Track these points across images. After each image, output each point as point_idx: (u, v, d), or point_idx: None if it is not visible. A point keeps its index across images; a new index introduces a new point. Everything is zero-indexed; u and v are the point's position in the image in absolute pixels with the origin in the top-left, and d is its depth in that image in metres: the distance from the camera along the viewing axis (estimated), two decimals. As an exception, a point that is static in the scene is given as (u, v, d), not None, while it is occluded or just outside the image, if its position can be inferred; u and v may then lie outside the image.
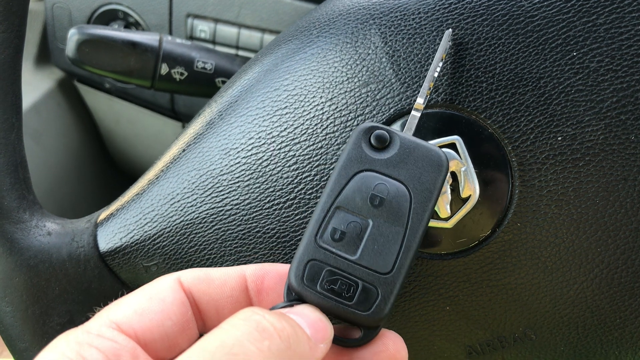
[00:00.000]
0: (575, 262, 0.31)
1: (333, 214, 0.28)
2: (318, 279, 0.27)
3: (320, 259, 0.27)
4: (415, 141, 0.29)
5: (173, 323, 0.26)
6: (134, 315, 0.25)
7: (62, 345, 0.23)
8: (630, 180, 0.30)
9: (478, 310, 0.33)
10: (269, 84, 0.35)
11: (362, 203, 0.28)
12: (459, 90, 0.32)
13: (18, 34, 0.35)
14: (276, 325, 0.23)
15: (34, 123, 0.70)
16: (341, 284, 0.27)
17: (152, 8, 0.64)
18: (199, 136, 0.36)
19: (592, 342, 0.33)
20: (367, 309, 0.27)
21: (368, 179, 0.28)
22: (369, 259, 0.27)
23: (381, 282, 0.27)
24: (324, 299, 0.27)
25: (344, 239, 0.27)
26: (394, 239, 0.27)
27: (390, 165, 0.28)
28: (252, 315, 0.23)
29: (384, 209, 0.28)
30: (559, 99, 0.31)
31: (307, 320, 0.25)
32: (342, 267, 0.27)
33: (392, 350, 0.27)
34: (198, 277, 0.28)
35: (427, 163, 0.28)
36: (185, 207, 0.35)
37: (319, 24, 0.35)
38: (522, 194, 0.31)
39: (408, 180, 0.28)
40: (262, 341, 0.22)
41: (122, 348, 0.24)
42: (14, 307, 0.35)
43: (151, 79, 0.49)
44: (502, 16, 0.31)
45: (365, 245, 0.27)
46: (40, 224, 0.36)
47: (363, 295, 0.27)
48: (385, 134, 0.29)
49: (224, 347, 0.21)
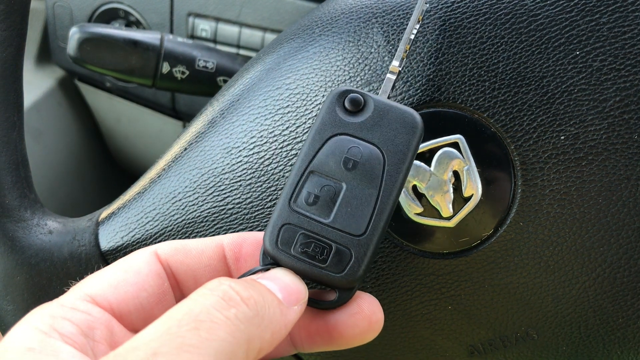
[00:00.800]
0: (577, 261, 0.31)
1: (307, 178, 0.28)
2: (292, 242, 0.27)
3: (294, 222, 0.28)
4: (390, 104, 0.29)
5: (148, 295, 0.26)
6: (108, 287, 0.25)
7: (36, 319, 0.23)
8: (633, 179, 0.30)
9: (480, 310, 0.33)
10: (271, 83, 0.35)
11: (336, 166, 0.28)
12: (462, 89, 0.32)
13: (20, 32, 0.35)
14: (242, 293, 0.23)
15: (34, 122, 0.70)
16: (315, 246, 0.27)
17: (153, 7, 0.64)
18: (201, 135, 0.36)
19: (594, 341, 0.33)
20: (340, 270, 0.27)
21: (342, 143, 0.28)
22: (342, 221, 0.27)
23: (354, 244, 0.27)
24: (298, 262, 0.27)
25: (318, 203, 0.28)
26: (367, 201, 0.27)
27: (364, 128, 0.28)
28: (219, 286, 0.23)
29: (358, 171, 0.28)
30: (562, 98, 0.31)
31: (280, 283, 0.26)
32: (316, 230, 0.27)
33: (367, 311, 0.28)
34: (175, 248, 0.28)
35: (400, 125, 0.28)
36: (187, 206, 0.35)
37: (321, 22, 0.35)
38: (525, 193, 0.31)
39: (381, 143, 0.28)
40: (228, 309, 0.22)
41: (96, 320, 0.24)
42: (15, 305, 0.35)
43: (152, 78, 0.49)
44: (505, 15, 0.31)
45: (338, 208, 0.28)
46: (42, 223, 0.36)
47: (336, 257, 0.27)
48: (359, 97, 0.29)
49: (190, 315, 0.22)
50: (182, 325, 0.21)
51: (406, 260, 0.33)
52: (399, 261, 0.33)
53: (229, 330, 0.22)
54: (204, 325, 0.21)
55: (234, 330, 0.22)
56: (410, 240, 0.32)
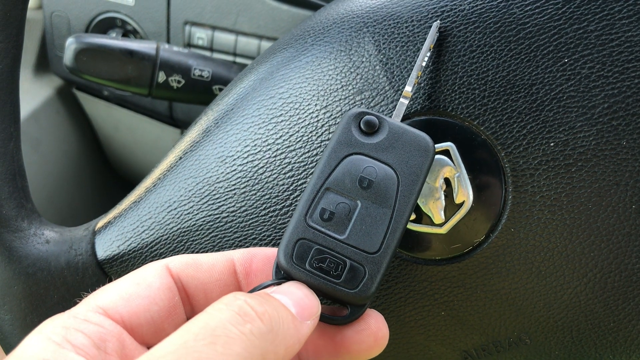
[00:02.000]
0: (568, 266, 0.32)
1: (323, 195, 0.29)
2: (307, 257, 0.28)
3: (309, 238, 0.28)
4: (403, 127, 0.29)
5: (159, 308, 0.26)
6: (120, 300, 0.26)
7: (49, 329, 0.23)
8: (622, 185, 0.31)
9: (473, 315, 0.33)
10: (264, 92, 0.35)
11: (351, 185, 0.29)
12: (452, 97, 0.32)
13: (16, 44, 0.35)
14: (257, 309, 0.23)
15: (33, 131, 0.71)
16: (329, 262, 0.28)
17: (150, 16, 0.65)
18: (196, 144, 0.36)
19: (586, 346, 0.33)
20: (354, 287, 0.27)
21: (357, 162, 0.29)
22: (356, 238, 0.28)
23: (368, 261, 0.28)
24: (312, 276, 0.27)
25: (333, 219, 0.28)
26: (382, 220, 0.28)
27: (379, 149, 0.29)
28: (234, 300, 0.23)
29: (372, 191, 0.28)
30: (551, 105, 0.31)
31: (293, 298, 0.26)
32: (331, 246, 0.28)
33: (374, 328, 0.28)
34: (186, 262, 0.28)
35: (414, 147, 0.29)
36: (182, 215, 0.35)
37: (314, 32, 0.35)
38: (516, 199, 0.32)
39: (396, 164, 0.29)
40: (244, 324, 0.22)
41: (108, 332, 0.24)
42: (12, 315, 0.35)
43: (148, 87, 0.50)
44: (494, 24, 0.31)
45: (353, 226, 0.28)
46: (39, 232, 0.36)
47: (350, 274, 0.27)
48: (375, 119, 0.29)
49: (206, 330, 0.22)
50: (198, 340, 0.21)
51: (399, 267, 0.33)
52: (392, 268, 0.33)
53: (244, 345, 0.22)
54: (220, 340, 0.21)
55: (249, 346, 0.22)
56: (403, 247, 0.33)
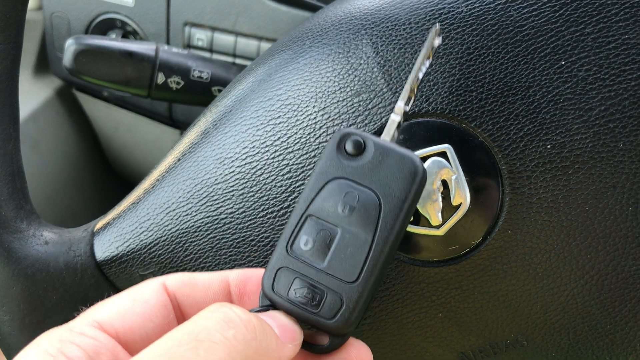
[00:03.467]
0: (565, 268, 0.32)
1: (304, 222, 0.28)
2: (287, 286, 0.27)
3: (291, 266, 0.28)
4: (391, 147, 0.28)
5: (154, 325, 0.27)
6: (116, 315, 0.26)
7: (44, 342, 0.24)
8: (619, 187, 0.31)
9: (470, 317, 0.33)
10: (262, 94, 0.35)
11: (332, 211, 0.28)
12: (449, 99, 0.32)
13: (15, 45, 0.35)
14: (242, 316, 0.24)
15: (32, 132, 0.71)
16: (308, 291, 0.27)
17: (149, 17, 0.65)
18: (194, 145, 0.36)
19: (583, 347, 0.33)
20: (331, 317, 0.27)
21: (340, 187, 0.28)
22: (335, 267, 0.27)
23: (346, 291, 0.27)
24: (292, 306, 0.27)
25: (313, 247, 0.28)
26: (361, 248, 0.27)
27: (362, 172, 0.28)
28: (220, 308, 0.24)
29: (353, 217, 0.27)
30: (548, 108, 0.31)
31: (277, 321, 0.26)
32: (310, 275, 0.27)
33: (354, 357, 0.28)
34: (182, 281, 0.29)
35: (398, 170, 0.27)
36: (181, 216, 0.35)
37: (312, 34, 0.35)
38: (513, 201, 0.32)
39: (379, 188, 0.27)
40: (227, 330, 0.23)
41: (102, 346, 0.25)
42: (11, 316, 0.36)
43: (148, 88, 0.50)
44: (492, 26, 0.32)
45: (333, 254, 0.27)
46: (38, 233, 0.36)
47: (328, 304, 0.27)
48: (360, 140, 0.28)
49: (190, 335, 0.22)
50: (182, 345, 0.22)
51: (397, 268, 0.33)
52: (389, 270, 0.33)
53: (227, 350, 0.22)
54: (203, 345, 0.22)
55: (232, 351, 0.22)
56: (401, 248, 0.33)
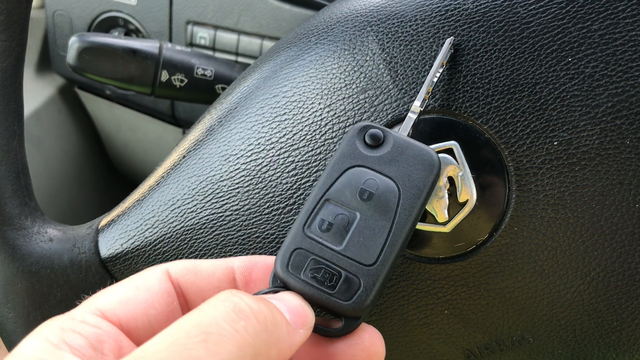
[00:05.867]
0: (572, 265, 0.32)
1: (322, 205, 0.28)
2: (303, 267, 0.27)
3: (306, 247, 0.28)
4: (409, 141, 0.29)
5: (157, 312, 0.26)
6: (118, 303, 0.26)
7: (46, 330, 0.24)
8: (625, 184, 0.31)
9: (476, 314, 0.33)
10: (268, 91, 0.35)
11: (352, 196, 0.28)
12: (456, 96, 0.32)
13: (19, 42, 0.35)
14: (253, 307, 0.23)
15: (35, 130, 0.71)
16: (324, 272, 0.27)
17: (152, 15, 0.65)
18: (199, 142, 0.36)
19: (589, 345, 0.33)
20: (348, 298, 0.27)
21: (359, 174, 0.29)
22: (353, 250, 0.28)
23: (364, 273, 0.27)
24: (307, 286, 0.27)
25: (331, 230, 0.28)
26: (380, 233, 0.28)
27: (382, 162, 0.29)
28: (230, 297, 0.23)
29: (372, 203, 0.28)
30: (554, 104, 0.31)
31: (288, 305, 0.26)
32: (327, 257, 0.28)
33: (367, 343, 0.28)
34: (186, 268, 0.28)
35: (418, 162, 0.29)
36: (186, 213, 0.35)
37: (317, 31, 0.35)
38: (519, 198, 0.32)
39: (398, 177, 0.28)
40: (238, 321, 0.22)
41: (105, 334, 0.24)
42: (16, 313, 0.35)
43: (151, 86, 0.50)
44: (498, 23, 0.31)
45: (351, 237, 0.28)
46: (42, 231, 0.36)
47: (345, 285, 0.27)
48: (380, 132, 0.29)
49: (199, 326, 0.22)
50: (190, 337, 0.21)
51: (402, 265, 0.33)
52: (395, 266, 0.33)
53: (237, 344, 0.22)
54: (213, 338, 0.21)
55: (242, 344, 0.22)
56: (407, 245, 0.33)
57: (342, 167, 0.29)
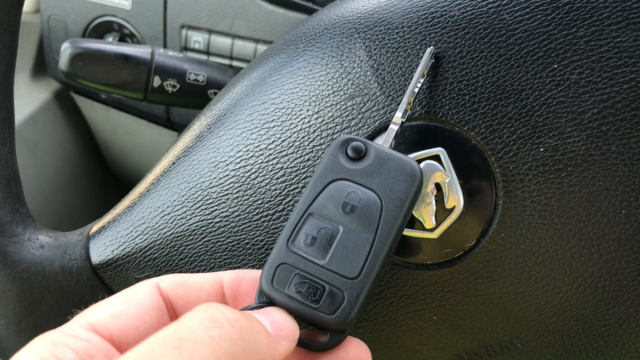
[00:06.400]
0: (559, 271, 0.32)
1: (306, 220, 0.28)
2: (287, 282, 0.28)
3: (291, 262, 0.28)
4: (390, 152, 0.29)
5: (148, 326, 0.27)
6: (109, 317, 0.26)
7: (38, 345, 0.24)
8: (612, 190, 0.31)
9: (464, 320, 0.33)
10: (256, 98, 0.35)
11: (334, 210, 0.28)
12: (443, 103, 0.32)
13: (10, 50, 0.35)
14: (229, 316, 0.23)
15: (30, 134, 0.71)
16: (309, 287, 0.27)
17: (146, 20, 0.65)
18: (189, 149, 0.36)
19: (577, 350, 0.33)
20: (332, 312, 0.27)
21: (341, 187, 0.29)
22: (337, 263, 0.28)
23: (348, 287, 0.27)
24: (292, 301, 0.27)
25: (315, 244, 0.28)
26: (363, 245, 0.28)
27: (364, 174, 0.29)
28: (207, 308, 0.24)
29: (355, 216, 0.28)
30: (540, 111, 0.31)
31: (270, 318, 0.26)
32: (311, 271, 0.28)
33: (353, 356, 0.28)
34: (176, 282, 0.29)
35: (399, 173, 0.29)
36: (175, 220, 0.35)
37: (306, 37, 0.35)
38: (506, 204, 0.32)
39: (380, 189, 0.29)
40: (212, 329, 0.22)
41: (95, 348, 0.25)
42: (7, 319, 0.36)
43: (144, 92, 0.50)
44: (484, 30, 0.32)
45: (334, 251, 0.28)
46: (33, 237, 0.36)
47: (329, 299, 0.27)
48: (361, 145, 0.29)
49: (174, 335, 0.22)
50: (164, 344, 0.21)
51: (391, 271, 0.33)
52: (380, 278, 0.33)
53: (211, 349, 0.22)
54: (187, 344, 0.22)
55: (217, 350, 0.22)
56: (395, 252, 0.33)
57: (325, 181, 0.29)
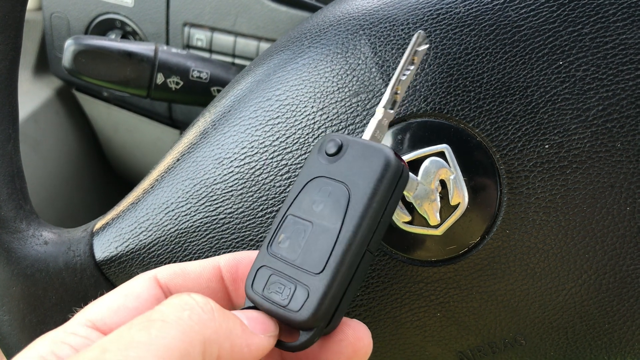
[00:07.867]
0: (563, 268, 0.32)
1: (284, 221, 0.28)
2: (264, 284, 0.27)
3: (267, 264, 0.28)
4: (364, 143, 0.28)
5: None
6: (108, 312, 0.26)
7: (39, 344, 0.24)
8: (616, 187, 0.31)
9: (468, 316, 0.33)
10: (261, 94, 0.35)
11: (308, 207, 0.28)
12: (448, 100, 0.32)
13: (14, 46, 0.35)
14: (199, 300, 0.24)
15: (32, 132, 0.71)
16: (279, 286, 0.27)
17: (149, 17, 0.65)
18: (193, 146, 0.36)
19: (581, 347, 0.33)
20: (298, 309, 0.26)
21: (317, 185, 0.28)
22: (305, 260, 0.27)
23: (312, 282, 0.27)
24: (267, 302, 0.27)
25: (288, 244, 0.28)
26: (329, 238, 0.27)
27: (338, 169, 0.28)
28: (180, 295, 0.24)
29: (325, 210, 0.28)
30: (545, 108, 0.31)
31: (248, 315, 0.26)
32: (282, 270, 0.27)
33: (352, 338, 0.28)
34: (174, 272, 0.29)
35: (368, 161, 0.28)
36: (180, 216, 0.35)
37: (310, 34, 0.35)
38: (511, 201, 0.32)
39: (348, 180, 0.28)
40: (182, 311, 0.23)
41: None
42: (11, 316, 0.36)
43: (147, 89, 0.50)
44: (490, 26, 0.32)
45: (304, 247, 0.27)
46: (37, 234, 0.36)
47: (296, 297, 0.27)
48: (338, 140, 0.29)
49: (144, 317, 0.22)
50: (133, 327, 0.22)
51: (395, 268, 0.33)
52: (388, 269, 0.33)
53: (181, 329, 0.22)
54: (155, 325, 0.22)
55: (187, 330, 0.22)
56: (399, 248, 0.33)
57: (303, 182, 0.29)
